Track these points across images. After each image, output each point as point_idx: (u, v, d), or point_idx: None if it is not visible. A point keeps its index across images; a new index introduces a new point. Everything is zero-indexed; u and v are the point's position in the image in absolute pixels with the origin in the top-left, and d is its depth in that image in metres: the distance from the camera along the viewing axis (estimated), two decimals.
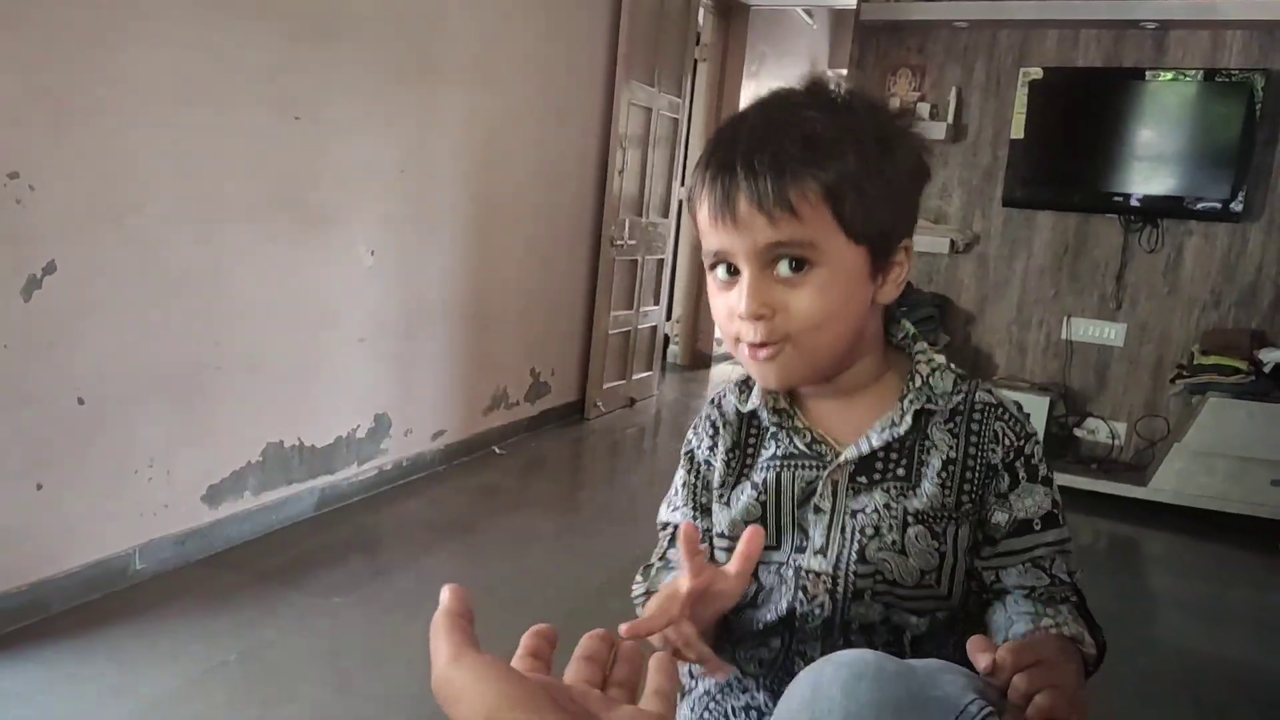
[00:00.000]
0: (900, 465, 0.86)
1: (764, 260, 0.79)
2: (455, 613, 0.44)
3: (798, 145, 0.77)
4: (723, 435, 0.95)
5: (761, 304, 0.79)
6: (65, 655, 2.00)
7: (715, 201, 0.79)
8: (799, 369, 0.83)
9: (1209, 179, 3.72)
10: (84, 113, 2.07)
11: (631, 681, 0.48)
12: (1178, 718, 2.19)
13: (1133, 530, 3.64)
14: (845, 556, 0.85)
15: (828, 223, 0.78)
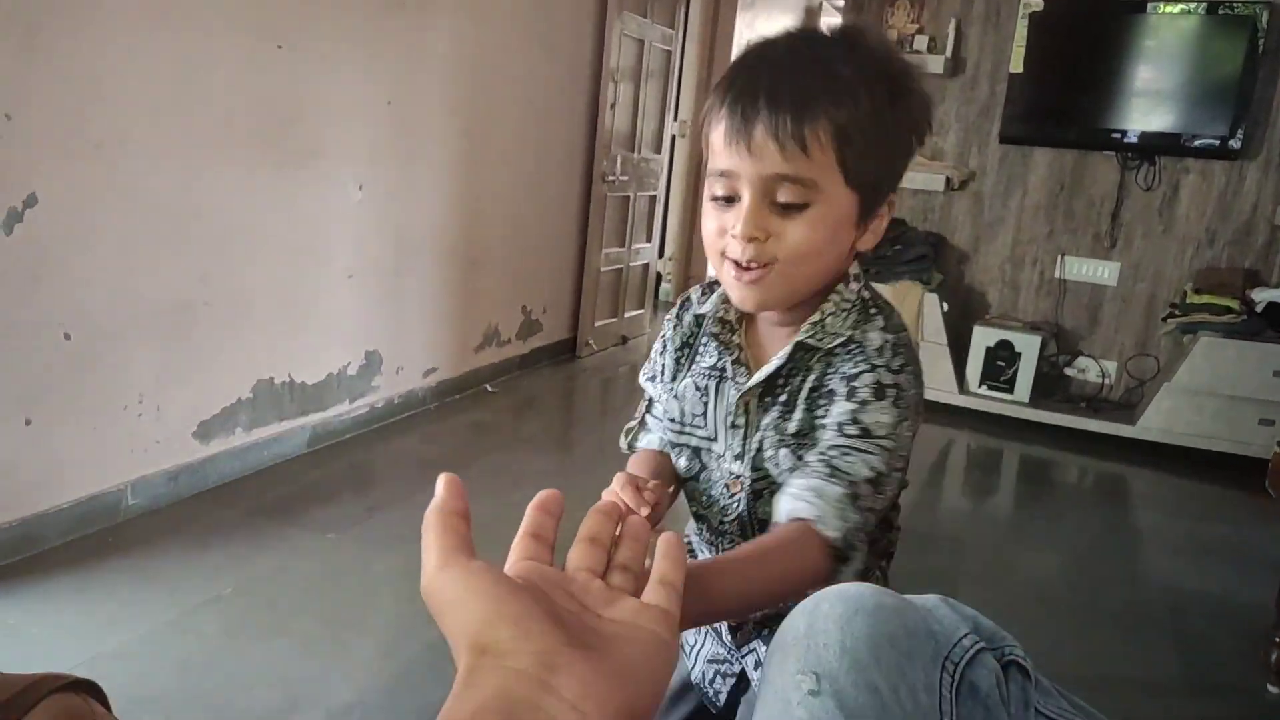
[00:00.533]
0: (783, 397, 0.93)
1: (766, 187, 0.84)
2: (448, 510, 0.41)
3: (819, 85, 0.82)
4: (676, 333, 1.03)
5: (757, 227, 0.84)
6: (59, 589, 2.01)
7: (733, 125, 0.83)
8: (775, 295, 0.89)
9: (1208, 116, 3.68)
10: (58, 38, 2.01)
11: (637, 563, 0.45)
12: (1159, 649, 2.23)
13: (1120, 468, 3.68)
14: (746, 460, 0.95)
15: (831, 164, 0.83)
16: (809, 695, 0.57)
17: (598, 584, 0.42)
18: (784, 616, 0.78)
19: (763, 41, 0.88)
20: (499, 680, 0.35)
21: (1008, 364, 3.95)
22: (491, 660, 0.36)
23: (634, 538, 0.46)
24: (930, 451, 3.87)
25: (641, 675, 0.38)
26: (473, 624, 0.37)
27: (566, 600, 0.40)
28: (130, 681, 1.70)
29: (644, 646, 0.39)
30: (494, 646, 0.36)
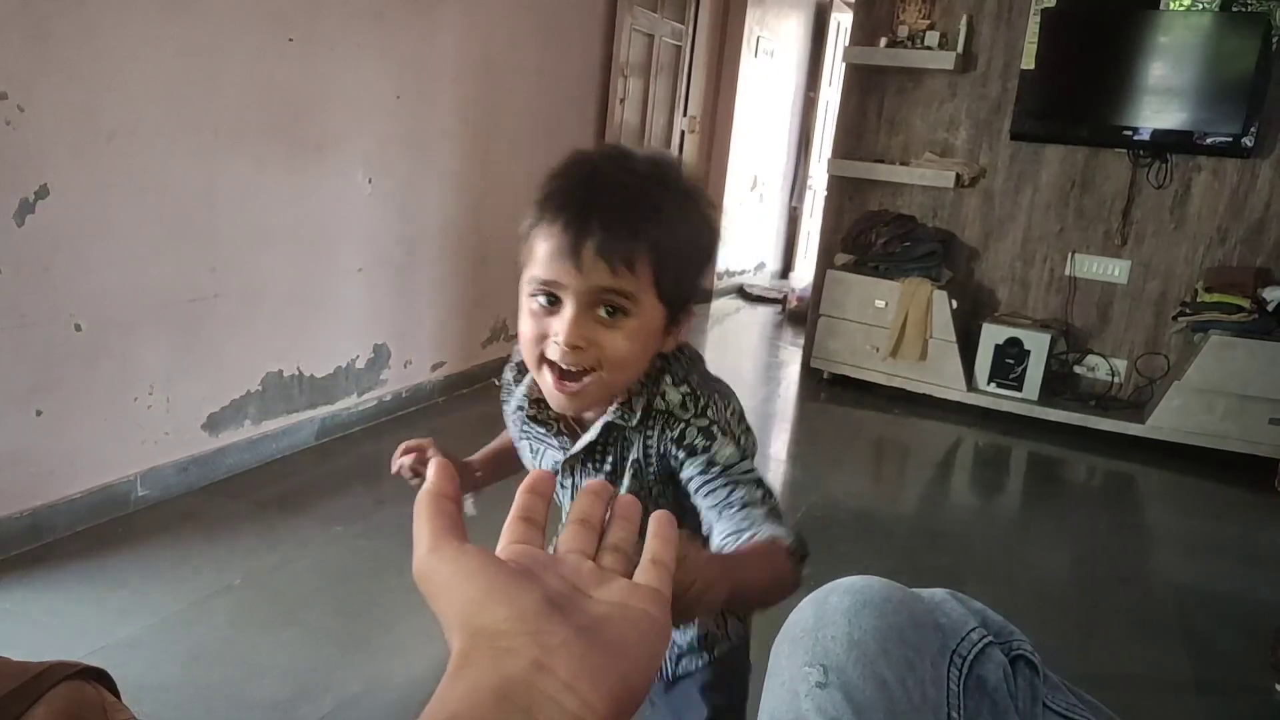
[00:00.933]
0: (609, 460, 1.03)
1: (592, 299, 0.89)
2: (439, 494, 0.42)
3: (642, 212, 0.90)
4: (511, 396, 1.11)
5: (580, 335, 0.89)
6: (70, 579, 2.02)
7: (566, 242, 0.89)
8: (592, 400, 0.95)
9: (1221, 113, 3.66)
10: (70, 30, 2.01)
11: (628, 543, 0.45)
12: (1168, 647, 2.23)
13: (1129, 467, 3.67)
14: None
15: (649, 282, 0.90)
16: (816, 687, 0.57)
17: (589, 565, 0.42)
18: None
19: (581, 160, 0.96)
20: (492, 660, 0.35)
21: (1017, 362, 3.94)
22: (484, 641, 0.36)
23: (625, 518, 0.46)
24: (938, 449, 3.86)
25: (634, 652, 0.37)
26: (465, 605, 0.37)
27: (558, 582, 0.40)
28: (140, 671, 1.71)
29: (636, 624, 0.39)
30: (487, 627, 0.36)
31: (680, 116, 5.13)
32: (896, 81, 4.29)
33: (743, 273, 7.06)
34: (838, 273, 4.24)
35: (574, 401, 0.95)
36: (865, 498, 3.18)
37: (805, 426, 4.06)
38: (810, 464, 3.53)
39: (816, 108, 7.69)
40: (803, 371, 4.58)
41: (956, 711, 0.57)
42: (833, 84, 7.38)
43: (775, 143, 7.30)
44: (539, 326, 0.93)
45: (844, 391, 4.29)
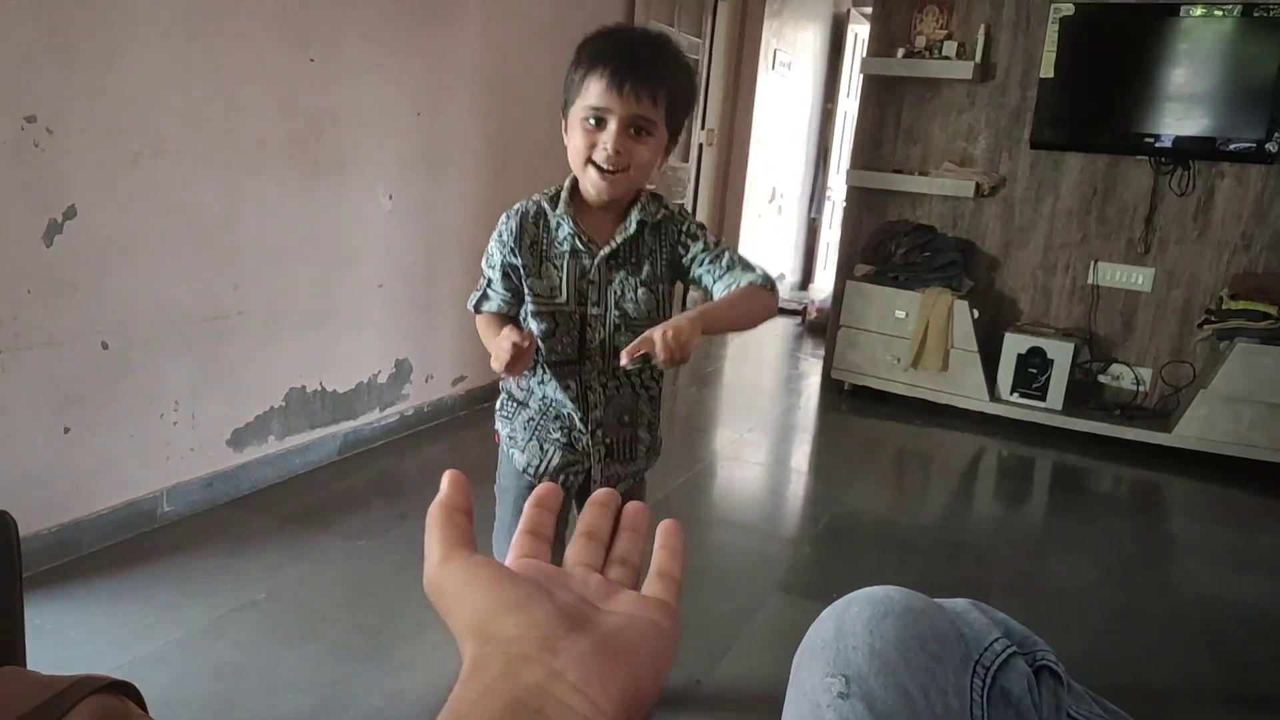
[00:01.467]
0: (633, 257, 1.43)
1: (627, 122, 1.32)
2: (451, 505, 0.42)
3: (663, 66, 1.34)
4: (524, 238, 1.43)
5: (621, 145, 1.32)
6: (97, 594, 2.04)
7: (613, 79, 1.30)
8: (621, 190, 1.37)
9: (1243, 119, 3.62)
10: (97, 53, 2.05)
11: (635, 555, 0.45)
12: (1196, 659, 2.20)
13: (1155, 477, 3.62)
14: (609, 305, 1.43)
15: (662, 115, 1.34)
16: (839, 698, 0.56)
17: (596, 578, 0.42)
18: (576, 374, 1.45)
19: (616, 29, 1.39)
20: (504, 665, 0.35)
21: (1040, 371, 3.91)
22: (496, 647, 0.36)
23: (632, 529, 0.46)
24: (962, 460, 3.83)
25: (643, 659, 0.38)
26: (476, 614, 0.38)
27: (567, 595, 0.40)
28: (165, 685, 1.73)
29: (644, 633, 0.39)
30: (498, 634, 0.37)
31: (698, 129, 5.14)
32: (914, 92, 4.29)
33: None
34: (857, 283, 4.23)
35: (612, 189, 1.36)
36: (887, 509, 3.16)
37: (826, 438, 4.05)
38: (832, 475, 3.51)
39: (834, 119, 7.69)
40: (823, 383, 4.56)
41: None
42: (850, 95, 7.38)
43: (793, 154, 7.30)
44: (588, 139, 1.33)
45: (865, 403, 4.27)
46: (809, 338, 5.85)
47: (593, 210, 1.42)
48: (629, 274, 1.41)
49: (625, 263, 1.41)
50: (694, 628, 2.12)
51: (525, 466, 1.51)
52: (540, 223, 1.43)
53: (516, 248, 1.42)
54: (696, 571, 2.46)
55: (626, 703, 0.36)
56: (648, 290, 1.42)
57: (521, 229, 1.42)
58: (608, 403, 1.48)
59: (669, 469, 3.25)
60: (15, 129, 1.91)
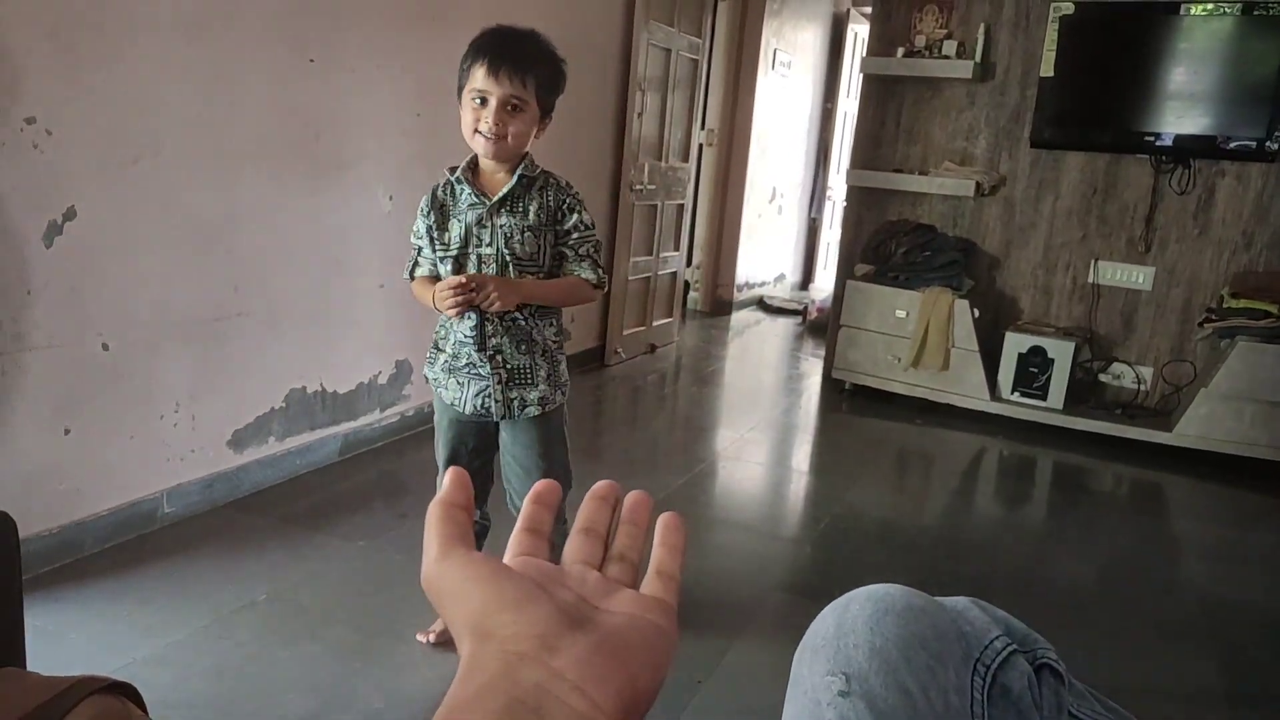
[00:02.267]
0: (519, 207, 1.77)
1: (504, 101, 1.68)
2: (451, 502, 0.42)
3: (533, 54, 1.71)
4: (435, 204, 1.80)
5: (500, 119, 1.68)
6: (98, 595, 2.04)
7: (491, 67, 1.67)
8: (506, 153, 1.73)
9: (1244, 117, 3.62)
10: (96, 55, 2.05)
11: (634, 551, 0.45)
12: (1198, 658, 2.19)
13: (1157, 476, 3.62)
14: (499, 246, 1.76)
15: (533, 95, 1.70)
16: (839, 696, 0.56)
17: (594, 576, 0.42)
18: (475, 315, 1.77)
19: (500, 27, 1.72)
20: (501, 663, 0.35)
21: (1040, 370, 3.91)
22: (494, 645, 0.36)
23: (631, 522, 0.45)
24: (962, 459, 3.83)
25: (642, 657, 0.38)
26: (474, 611, 0.38)
27: (564, 593, 0.40)
28: (166, 686, 1.72)
29: (643, 633, 0.39)
30: (495, 631, 0.37)
31: (698, 130, 5.14)
32: (914, 91, 4.29)
33: (763, 284, 7.06)
34: (858, 283, 4.23)
35: (495, 152, 1.71)
36: (888, 508, 3.16)
37: (827, 438, 4.05)
38: (833, 475, 3.51)
39: (834, 119, 7.69)
40: (824, 383, 4.56)
41: None
42: (850, 95, 7.38)
43: (794, 154, 7.30)
44: (475, 115, 1.70)
45: (866, 402, 4.27)
46: (810, 337, 5.85)
47: (487, 175, 1.79)
48: (516, 220, 1.75)
49: (513, 210, 1.76)
50: (695, 627, 2.12)
51: (451, 401, 1.86)
52: (448, 190, 1.80)
53: (430, 211, 1.80)
54: (698, 571, 2.46)
55: (625, 702, 0.36)
56: (532, 234, 1.76)
57: (434, 198, 1.80)
58: (504, 332, 1.79)
59: (670, 470, 3.25)
60: (15, 130, 1.91)
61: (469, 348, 1.79)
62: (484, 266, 1.75)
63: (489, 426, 1.89)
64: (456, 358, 1.82)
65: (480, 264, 1.76)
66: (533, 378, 1.82)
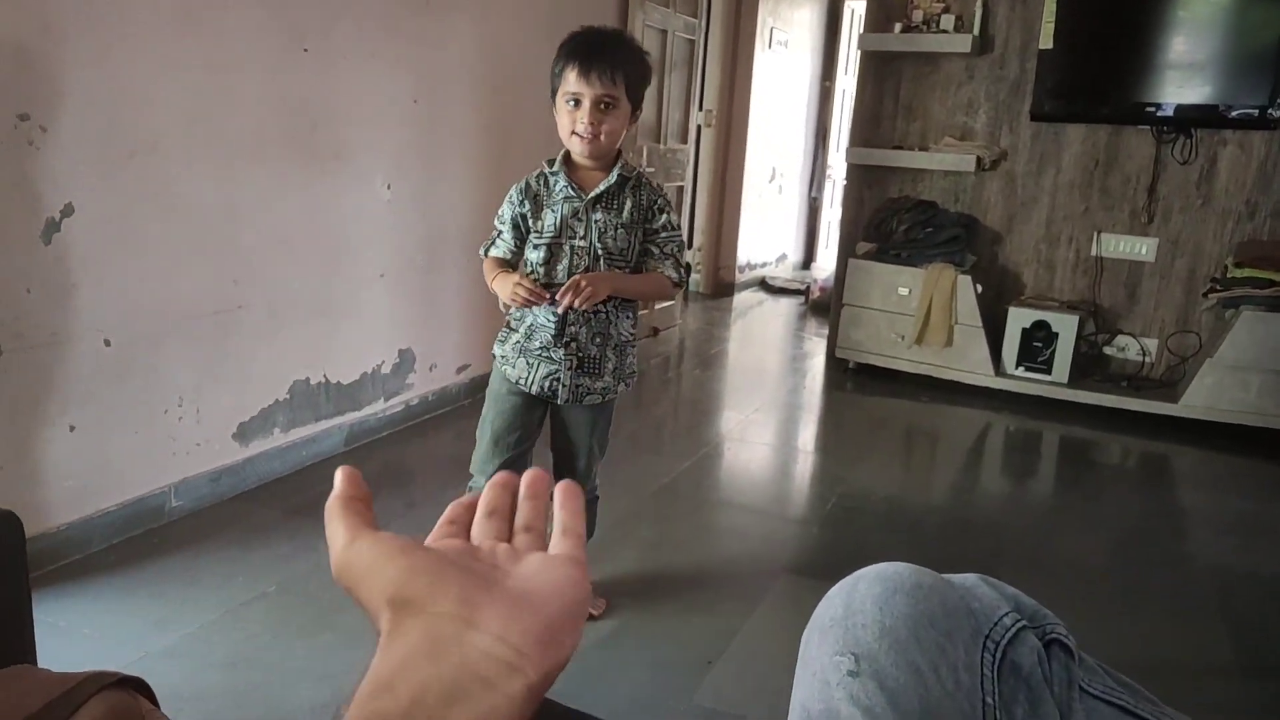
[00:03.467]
0: (614, 204, 1.83)
1: (598, 101, 1.75)
2: (349, 496, 0.43)
3: (621, 55, 1.76)
4: (530, 194, 1.85)
5: (595, 118, 1.75)
6: (108, 590, 2.05)
7: (583, 70, 1.73)
8: (600, 150, 1.79)
9: (1246, 85, 3.59)
10: (89, 49, 2.04)
11: (538, 523, 0.46)
12: (1210, 631, 2.19)
13: (1163, 448, 3.62)
14: (593, 239, 1.83)
15: (623, 92, 1.76)
16: (848, 676, 0.56)
17: (503, 547, 0.43)
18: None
19: (586, 30, 1.80)
20: (423, 626, 0.36)
21: (1045, 345, 3.90)
22: (413, 610, 0.37)
23: (532, 496, 0.47)
24: (967, 435, 3.83)
25: (558, 603, 0.39)
26: (389, 583, 0.38)
27: (474, 562, 0.41)
28: (179, 679, 1.73)
29: (555, 584, 0.40)
30: (413, 598, 0.37)
31: (696, 111, 5.12)
32: (913, 67, 4.26)
33: (764, 265, 7.04)
34: (860, 261, 4.21)
35: (592, 149, 1.77)
36: (895, 486, 3.16)
37: (832, 417, 4.04)
38: (838, 454, 3.51)
39: (833, 97, 7.65)
40: (828, 362, 4.55)
41: (991, 696, 0.57)
42: (849, 72, 7.34)
43: (793, 134, 7.26)
44: (570, 117, 1.76)
45: (870, 381, 4.27)
46: (812, 317, 5.84)
47: (582, 170, 1.84)
48: (611, 215, 1.82)
49: (608, 206, 1.82)
50: (703, 609, 2.12)
51: (516, 379, 1.91)
52: (541, 181, 1.86)
53: (524, 200, 1.84)
54: (705, 554, 2.46)
55: (547, 645, 0.37)
56: (625, 231, 1.83)
57: (528, 187, 1.86)
58: (585, 322, 1.84)
59: (676, 453, 3.25)
60: (9, 128, 1.91)
61: (547, 332, 1.85)
62: (576, 257, 1.82)
63: (543, 406, 1.96)
64: (530, 339, 1.88)
65: (573, 255, 1.82)
66: (601, 369, 1.89)
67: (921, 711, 0.54)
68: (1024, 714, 0.58)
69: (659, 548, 2.45)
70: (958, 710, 0.55)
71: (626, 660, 1.90)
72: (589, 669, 1.85)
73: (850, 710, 0.55)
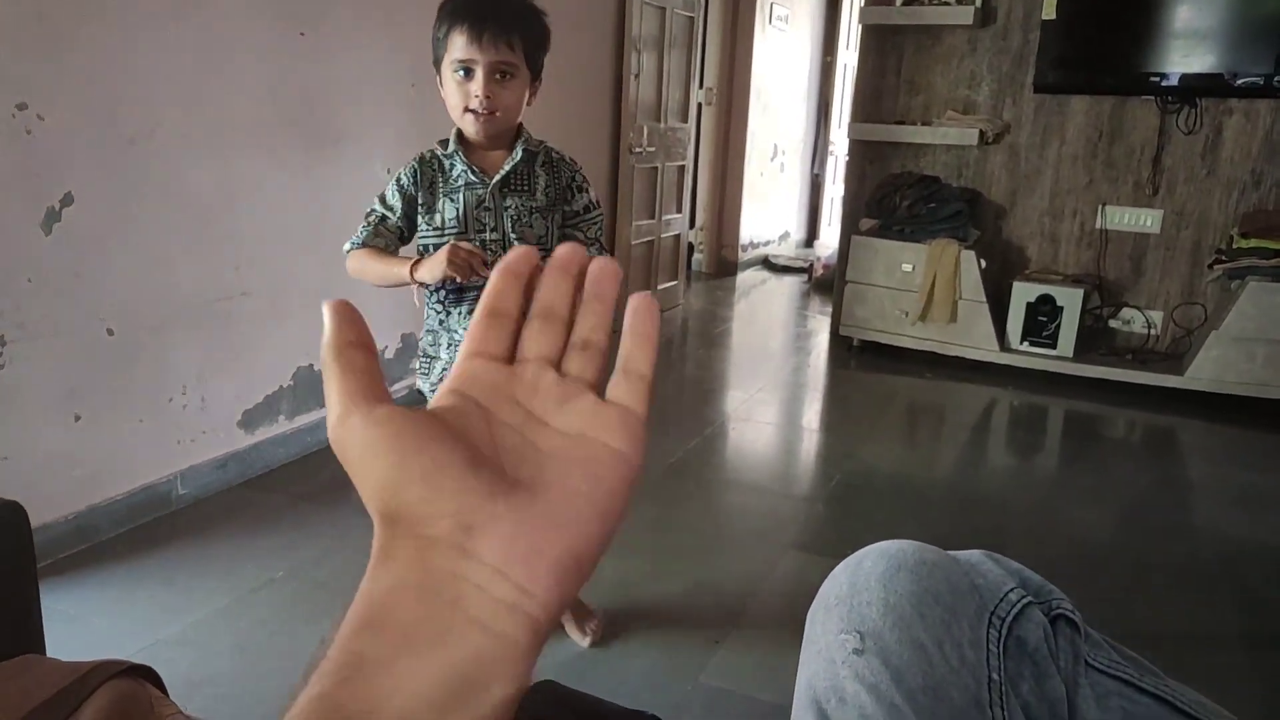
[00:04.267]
0: (524, 185, 1.65)
1: (493, 69, 1.53)
2: (344, 343, 0.34)
3: (515, 13, 1.56)
4: (422, 176, 1.64)
5: (489, 90, 1.54)
6: (116, 578, 2.06)
7: (473, 32, 1.50)
8: (497, 129, 1.60)
9: (1251, 53, 3.56)
10: (85, 37, 2.02)
11: (600, 335, 0.37)
12: (1217, 603, 2.20)
13: (1169, 420, 3.61)
14: (505, 230, 1.64)
15: (521, 57, 1.55)
16: (853, 654, 0.56)
17: (550, 377, 0.35)
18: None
19: None
20: (413, 551, 0.31)
21: (1050, 319, 3.88)
22: (404, 529, 0.31)
23: (597, 298, 0.37)
24: (972, 411, 3.82)
25: (585, 514, 0.32)
26: (380, 488, 0.32)
27: (509, 412, 0.34)
28: (189, 665, 1.74)
29: (592, 470, 0.33)
30: (404, 513, 0.31)
31: (696, 89, 5.08)
32: (914, 40, 4.22)
33: (767, 243, 7.02)
34: (863, 238, 4.20)
35: (488, 128, 1.58)
36: (900, 464, 3.16)
37: (836, 395, 4.04)
38: (843, 432, 3.51)
39: (834, 72, 7.60)
40: (832, 340, 4.54)
41: (996, 673, 0.56)
42: (850, 47, 7.28)
43: (794, 111, 7.22)
44: (461, 91, 1.55)
45: (874, 358, 4.26)
46: (816, 295, 5.82)
47: (480, 150, 1.64)
48: (523, 200, 1.64)
49: (519, 189, 1.64)
50: (710, 589, 2.12)
51: None
52: (435, 164, 1.64)
53: (411, 186, 1.63)
54: (712, 533, 2.46)
55: (558, 575, 0.31)
56: (541, 216, 1.65)
57: (420, 171, 1.64)
58: None
59: (681, 433, 3.25)
60: (7, 117, 1.90)
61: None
62: (488, 253, 1.60)
63: None
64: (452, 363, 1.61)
65: (486, 250, 1.60)
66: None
67: (927, 688, 0.54)
68: (1030, 690, 0.58)
69: (665, 527, 2.46)
70: (963, 687, 0.55)
71: (633, 640, 1.91)
72: (595, 649, 1.85)
73: (855, 688, 0.55)
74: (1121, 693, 0.59)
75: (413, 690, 0.29)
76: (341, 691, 0.29)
